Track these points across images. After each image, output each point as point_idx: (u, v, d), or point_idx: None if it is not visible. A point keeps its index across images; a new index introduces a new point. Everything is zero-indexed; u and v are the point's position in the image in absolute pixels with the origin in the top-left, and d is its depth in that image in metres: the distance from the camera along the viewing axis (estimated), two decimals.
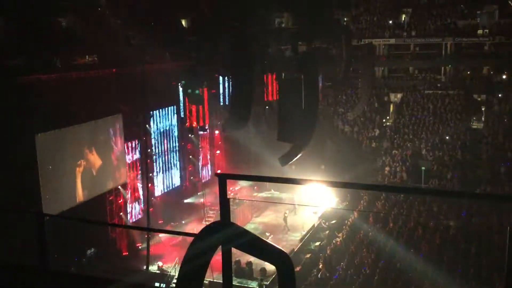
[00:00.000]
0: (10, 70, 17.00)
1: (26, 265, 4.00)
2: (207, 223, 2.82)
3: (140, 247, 22.85)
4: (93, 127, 20.28)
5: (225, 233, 2.61)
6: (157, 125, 25.40)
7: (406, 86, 37.87)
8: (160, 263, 21.19)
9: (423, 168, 29.57)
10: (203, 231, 2.55)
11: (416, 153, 31.63)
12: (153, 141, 25.07)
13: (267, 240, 3.13)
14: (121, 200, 22.64)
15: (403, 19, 39.41)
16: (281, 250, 3.16)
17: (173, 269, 19.90)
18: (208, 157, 30.39)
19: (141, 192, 24.25)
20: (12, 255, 13.30)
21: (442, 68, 38.58)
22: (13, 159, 15.94)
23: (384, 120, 35.96)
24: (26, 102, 16.37)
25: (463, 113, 34.14)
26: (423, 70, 39.50)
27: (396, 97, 37.11)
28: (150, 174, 24.42)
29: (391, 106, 36.48)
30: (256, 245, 2.85)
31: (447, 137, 32.12)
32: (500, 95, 34.92)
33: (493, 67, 37.14)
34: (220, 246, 2.89)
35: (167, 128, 26.40)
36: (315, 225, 25.49)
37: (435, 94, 36.37)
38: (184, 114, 26.30)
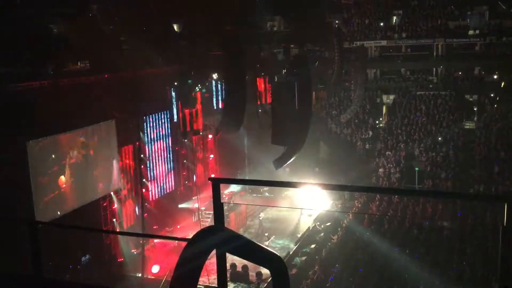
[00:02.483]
0: (1, 77, 16.94)
1: (19, 273, 3.98)
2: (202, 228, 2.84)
3: (135, 253, 22.78)
4: (85, 134, 20.21)
5: (218, 238, 2.62)
6: (150, 130, 25.34)
7: (399, 88, 38.06)
8: (155, 269, 21.12)
9: (417, 169, 29.70)
10: (196, 235, 2.56)
11: (409, 154, 31.77)
12: (146, 146, 25.01)
13: (260, 244, 3.13)
14: (115, 206, 22.57)
15: (394, 21, 39.62)
16: (274, 253, 3.16)
17: (169, 275, 19.85)
18: (202, 161, 30.35)
19: (135, 197, 24.18)
20: (5, 264, 13.24)
21: (434, 69, 38.80)
22: (4, 167, 15.86)
23: (377, 122, 36.10)
24: (18, 110, 16.30)
25: (455, 114, 34.33)
26: (415, 71, 39.72)
27: (388, 98, 37.28)
28: (144, 180, 24.35)
29: (384, 107, 36.64)
30: (249, 249, 2.86)
31: (440, 138, 32.27)
32: (492, 95, 35.17)
33: (485, 68, 37.40)
34: (215, 251, 2.90)
35: (161, 133, 26.35)
36: (310, 228, 25.51)
37: (427, 95, 36.55)
38: (178, 118, 26.28)
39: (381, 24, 39.68)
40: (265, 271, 18.70)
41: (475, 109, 34.77)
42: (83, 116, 19.30)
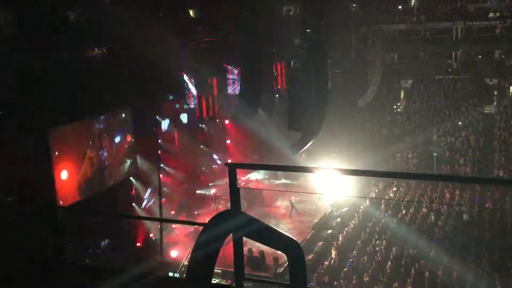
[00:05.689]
0: (21, 64, 17.09)
1: (41, 257, 4.07)
2: None
3: (153, 238, 23.05)
4: (104, 120, 20.38)
5: (235, 222, 2.64)
6: (167, 115, 25.46)
7: (417, 72, 37.54)
8: (173, 253, 21.38)
9: (435, 154, 29.42)
10: (213, 220, 2.58)
11: (427, 139, 31.45)
12: (163, 132, 25.15)
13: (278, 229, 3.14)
14: (133, 191, 22.81)
15: (412, 3, 38.98)
16: (291, 238, 3.18)
17: (186, 259, 20.09)
18: (219, 147, 30.43)
19: (153, 183, 24.39)
20: (28, 248, 13.49)
21: (453, 52, 38.15)
22: (27, 153, 16.09)
23: (395, 107, 35.75)
24: (37, 97, 16.48)
25: (475, 98, 33.81)
26: (433, 55, 39.10)
27: (407, 83, 36.83)
28: (162, 165, 24.53)
29: (402, 92, 36.22)
30: (266, 233, 2.87)
31: (459, 123, 31.86)
32: None
33: (505, 51, 36.67)
34: (231, 236, 2.92)
35: (177, 119, 26.45)
36: (327, 213, 25.52)
37: (446, 79, 36.03)
38: (194, 104, 26.35)
39: (399, 7, 39.07)
40: (281, 255, 18.79)
41: (495, 93, 34.17)
42: (102, 102, 19.44)
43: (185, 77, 23.39)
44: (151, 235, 23.20)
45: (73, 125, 18.74)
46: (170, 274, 19.56)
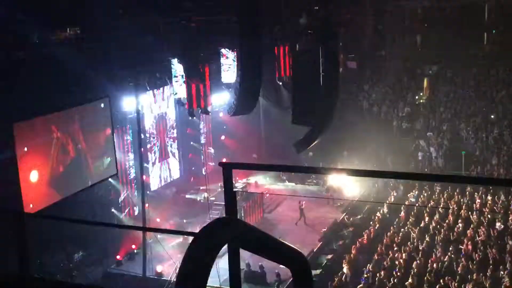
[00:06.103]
0: None
1: (4, 271, 4.07)
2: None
3: (135, 250, 23.07)
4: (78, 113, 20.38)
5: (230, 231, 2.64)
6: (151, 107, 25.45)
7: (443, 56, 37.51)
8: (159, 268, 21.40)
9: (463, 152, 29.48)
10: (205, 229, 2.58)
11: (455, 135, 31.49)
12: (146, 126, 25.14)
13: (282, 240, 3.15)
14: (113, 195, 22.82)
15: None
16: (296, 250, 3.19)
17: (173, 274, 20.11)
18: (212, 143, 30.43)
19: (134, 185, 24.41)
20: None
21: (485, 34, 38.14)
22: None
23: (417, 97, 35.75)
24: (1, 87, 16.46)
25: (511, 87, 33.83)
26: (462, 37, 39.05)
27: (431, 69, 36.81)
28: (145, 164, 24.53)
29: (425, 80, 36.20)
30: (267, 244, 2.88)
31: (491, 116, 31.89)
32: None
33: None
34: (226, 247, 2.92)
35: (163, 111, 26.45)
36: (338, 221, 25.56)
37: (477, 65, 36.02)
38: (183, 93, 26.32)
39: None
40: (285, 271, 18.83)
41: None
42: (75, 92, 19.43)
43: (173, 62, 23.35)
44: (133, 246, 23.22)
45: (43, 118, 18.74)
46: None
